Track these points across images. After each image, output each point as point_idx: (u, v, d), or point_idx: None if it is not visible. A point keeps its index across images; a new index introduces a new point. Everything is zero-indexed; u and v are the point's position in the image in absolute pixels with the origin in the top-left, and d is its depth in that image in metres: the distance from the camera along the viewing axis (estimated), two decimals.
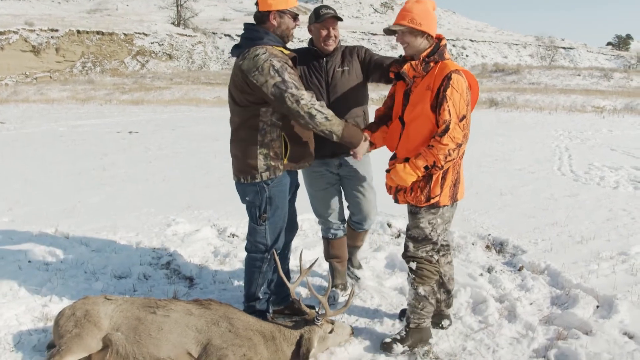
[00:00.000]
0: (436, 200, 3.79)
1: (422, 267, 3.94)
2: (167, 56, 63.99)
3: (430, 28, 3.73)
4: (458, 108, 3.58)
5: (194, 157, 12.33)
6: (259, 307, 4.25)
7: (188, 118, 21.33)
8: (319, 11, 4.34)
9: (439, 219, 3.87)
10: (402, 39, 3.76)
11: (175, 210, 7.57)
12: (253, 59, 3.68)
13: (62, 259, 5.61)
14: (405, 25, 3.69)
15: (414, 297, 3.98)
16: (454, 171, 3.81)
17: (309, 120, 3.65)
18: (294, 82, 3.64)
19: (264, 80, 3.63)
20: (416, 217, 3.89)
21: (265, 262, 4.13)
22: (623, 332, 4.18)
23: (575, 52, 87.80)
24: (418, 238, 3.92)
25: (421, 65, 3.74)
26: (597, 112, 24.15)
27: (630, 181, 9.56)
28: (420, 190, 3.80)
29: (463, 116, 3.60)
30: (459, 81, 3.61)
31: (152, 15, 75.42)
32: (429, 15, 3.73)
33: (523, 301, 4.74)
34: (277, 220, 4.06)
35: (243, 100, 3.83)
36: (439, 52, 3.75)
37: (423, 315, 4.01)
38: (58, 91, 38.36)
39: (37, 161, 11.71)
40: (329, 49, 4.42)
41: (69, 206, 7.75)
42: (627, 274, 5.31)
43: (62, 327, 3.59)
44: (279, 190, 3.99)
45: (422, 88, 3.74)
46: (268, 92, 3.64)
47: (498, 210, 7.67)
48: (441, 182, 3.77)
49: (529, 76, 51.02)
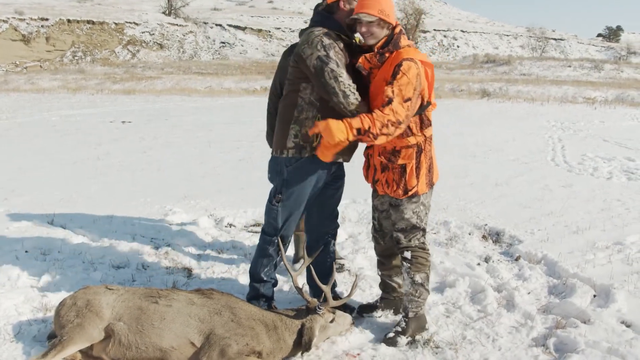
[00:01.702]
0: (414, 191, 3.85)
1: (417, 255, 3.99)
2: (158, 46, 63.70)
3: (393, 19, 3.75)
4: (404, 90, 3.57)
5: (188, 146, 12.29)
6: (262, 291, 4.26)
7: (181, 108, 21.23)
8: None
9: (421, 206, 3.95)
10: (369, 29, 3.73)
11: (172, 200, 7.57)
12: (308, 34, 3.80)
13: (60, 248, 5.59)
14: (375, 15, 3.67)
15: (411, 285, 4.01)
16: (426, 158, 3.86)
17: (342, 99, 3.66)
18: (337, 60, 3.68)
19: (310, 52, 3.71)
20: (399, 209, 3.95)
21: (273, 245, 4.12)
22: (621, 320, 4.23)
23: (566, 43, 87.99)
24: (406, 229, 3.98)
25: (376, 57, 3.74)
26: (588, 104, 24.24)
27: (623, 172, 9.63)
28: (396, 184, 3.87)
29: (408, 98, 3.58)
30: (409, 67, 3.60)
31: (143, 4, 74.95)
32: (392, 6, 3.75)
33: (521, 290, 4.77)
34: (292, 205, 4.01)
35: (289, 75, 3.94)
36: (394, 41, 3.73)
37: (420, 303, 4.05)
38: (49, 80, 38.05)
39: (31, 150, 11.64)
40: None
41: (65, 196, 7.73)
42: (623, 264, 5.37)
43: (63, 317, 3.57)
44: (298, 175, 3.94)
45: (379, 80, 3.74)
46: (310, 64, 3.70)
47: (494, 200, 7.70)
48: (416, 172, 3.83)
49: (520, 67, 51.13)
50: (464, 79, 36.83)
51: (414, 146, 3.83)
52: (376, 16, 3.66)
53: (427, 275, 4.05)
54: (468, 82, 33.29)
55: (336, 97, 3.67)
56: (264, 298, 4.29)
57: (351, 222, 6.71)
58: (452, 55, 73.99)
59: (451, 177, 8.85)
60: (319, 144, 3.75)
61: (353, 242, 5.97)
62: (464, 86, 30.72)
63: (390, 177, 3.90)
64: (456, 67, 51.05)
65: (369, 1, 3.69)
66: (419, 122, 3.82)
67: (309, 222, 4.36)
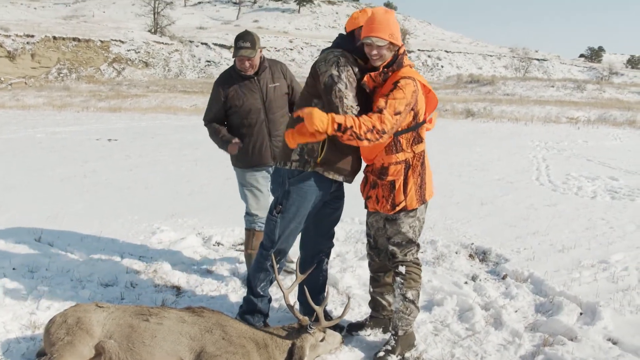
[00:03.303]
0: (403, 206, 3.90)
1: (411, 271, 4.02)
2: (144, 64, 63.71)
3: (400, 41, 3.84)
4: (396, 104, 3.64)
5: (175, 165, 12.29)
6: (259, 306, 4.28)
7: (167, 126, 21.23)
8: (236, 44, 4.98)
9: (417, 221, 4.01)
10: (379, 52, 3.79)
11: (160, 218, 7.56)
12: (327, 53, 3.91)
13: (48, 266, 5.57)
14: (386, 39, 3.75)
15: (402, 301, 4.03)
16: (414, 177, 3.91)
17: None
18: (347, 82, 3.77)
19: (325, 69, 3.81)
20: (396, 223, 3.99)
21: (269, 259, 4.13)
22: (607, 338, 4.28)
23: (549, 63, 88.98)
24: (402, 243, 4.01)
25: (380, 76, 3.81)
26: (571, 123, 24.49)
27: (607, 191, 9.75)
28: (385, 200, 3.93)
29: (399, 112, 3.64)
30: (407, 83, 3.69)
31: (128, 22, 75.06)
32: (398, 28, 3.83)
33: (508, 308, 4.82)
34: (290, 217, 4.02)
35: (303, 90, 4.07)
36: (397, 61, 3.81)
37: (410, 321, 4.07)
38: (34, 97, 37.92)
39: (17, 167, 11.57)
40: (249, 74, 5.09)
41: (52, 213, 7.69)
42: (608, 282, 5.43)
43: (53, 334, 3.56)
44: (300, 188, 3.96)
45: (378, 97, 3.80)
46: (322, 80, 3.80)
47: (480, 219, 7.77)
48: (403, 188, 3.88)
49: (503, 87, 51.59)
50: (448, 99, 37.09)
51: (402, 162, 3.88)
52: (387, 40, 3.74)
53: (418, 292, 4.08)
54: (452, 102, 33.53)
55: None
56: (259, 314, 4.30)
57: (339, 240, 6.73)
58: (436, 75, 74.51)
59: (437, 196, 8.83)
60: (321, 155, 3.85)
61: (341, 261, 5.99)
62: (448, 106, 30.92)
63: (380, 193, 3.96)
64: (440, 87, 51.39)
65: (380, 25, 3.75)
66: (411, 138, 3.88)
67: (304, 239, 4.38)
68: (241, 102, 5.11)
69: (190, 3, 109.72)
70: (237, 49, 4.97)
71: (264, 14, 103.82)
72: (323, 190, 4.03)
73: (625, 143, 17.50)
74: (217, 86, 5.21)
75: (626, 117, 26.81)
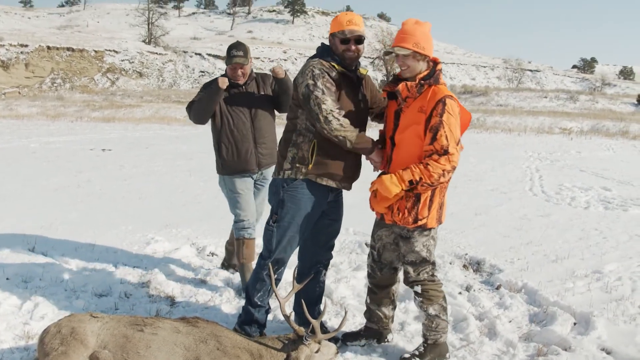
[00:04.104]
0: (424, 222, 3.84)
1: (427, 289, 4.00)
2: (138, 74, 63.79)
3: (430, 51, 3.81)
4: (455, 132, 3.66)
5: (169, 175, 12.28)
6: (256, 316, 4.30)
7: (161, 136, 21.23)
8: (229, 53, 5.20)
9: (431, 239, 3.96)
10: (404, 62, 3.80)
11: (154, 228, 7.54)
12: (304, 65, 4.02)
13: (41, 276, 5.55)
14: (410, 49, 3.73)
15: (426, 317, 4.04)
16: (440, 194, 3.87)
17: (324, 124, 3.80)
18: (323, 88, 3.83)
19: (302, 80, 3.91)
20: (410, 241, 3.95)
21: (266, 269, 4.14)
22: (601, 347, 4.29)
23: (542, 74, 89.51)
24: (416, 262, 3.98)
25: (416, 87, 3.78)
26: (564, 134, 24.64)
27: (600, 201, 9.80)
28: (407, 211, 3.85)
29: (459, 140, 3.68)
30: (452, 106, 3.68)
31: (123, 32, 75.21)
32: (429, 39, 3.80)
33: (502, 319, 4.83)
34: (286, 225, 4.06)
35: (291, 101, 4.14)
36: (435, 76, 3.79)
37: (439, 332, 4.06)
38: (27, 107, 37.89)
39: (11, 177, 11.55)
40: (240, 82, 5.29)
41: (46, 223, 7.67)
42: (602, 292, 5.45)
43: (47, 344, 3.54)
44: (293, 196, 4.02)
45: (414, 109, 3.79)
46: (300, 91, 3.89)
47: (474, 230, 7.79)
48: (429, 204, 3.82)
49: (496, 98, 51.85)
50: None
51: None
52: (410, 49, 3.73)
53: (442, 305, 4.05)
54: None
55: (318, 122, 3.81)
56: (257, 324, 4.31)
57: (333, 251, 6.72)
58: None
59: None
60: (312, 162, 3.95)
61: (335, 272, 5.99)
62: None
63: (403, 204, 3.87)
64: None
65: (404, 35, 3.77)
66: None
67: (302, 250, 4.40)
68: (231, 110, 5.31)
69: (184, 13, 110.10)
70: (231, 57, 5.16)
71: (258, 24, 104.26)
72: (317, 197, 4.05)
73: (618, 154, 17.63)
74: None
75: (619, 127, 27.00)
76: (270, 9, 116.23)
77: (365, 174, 4.30)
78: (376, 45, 73.29)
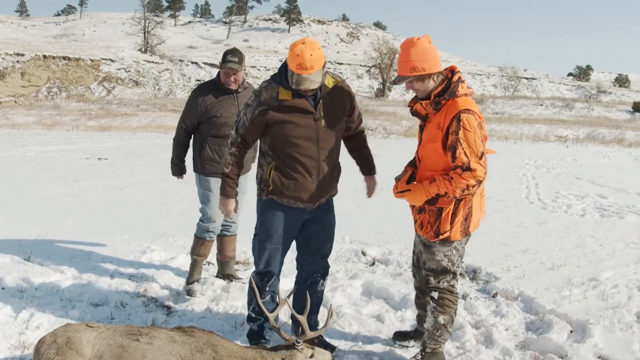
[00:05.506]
0: (446, 236, 3.83)
1: (444, 297, 4.00)
2: (134, 83, 63.85)
3: (433, 67, 3.69)
4: (474, 147, 3.59)
5: (165, 184, 12.24)
6: (253, 328, 4.40)
7: (157, 145, 21.20)
8: (225, 57, 5.28)
9: (454, 250, 3.94)
10: (412, 87, 3.79)
11: (150, 237, 7.54)
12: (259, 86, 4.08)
13: (37, 285, 5.54)
14: (409, 75, 3.69)
15: (433, 324, 4.03)
16: (465, 207, 3.82)
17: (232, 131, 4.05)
18: (241, 119, 4.00)
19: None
20: (431, 250, 3.95)
21: (253, 282, 4.18)
22: (597, 355, 4.30)
23: (538, 82, 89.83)
24: (437, 270, 3.98)
25: (432, 105, 3.75)
26: (560, 142, 24.70)
27: (596, 209, 9.82)
28: (430, 226, 3.86)
29: (482, 153, 3.62)
30: (469, 120, 3.60)
31: (119, 41, 75.32)
32: (427, 55, 3.69)
33: (499, 327, 4.83)
34: (264, 239, 4.13)
35: None
36: (450, 90, 3.71)
37: (439, 342, 4.07)
38: (23, 116, 37.87)
39: (7, 186, 11.54)
40: (232, 88, 5.39)
41: (42, 232, 7.66)
42: (598, 299, 5.46)
43: (43, 354, 3.53)
44: (264, 214, 4.13)
45: (433, 126, 3.77)
46: None
47: (470, 237, 7.76)
48: (451, 218, 3.80)
49: (492, 106, 52.00)
50: None
51: None
52: (409, 75, 3.69)
53: (452, 317, 4.05)
54: None
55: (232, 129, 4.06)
56: (256, 335, 4.38)
57: (329, 259, 6.72)
58: None
59: None
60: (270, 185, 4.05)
61: (331, 280, 5.98)
62: None
63: (426, 219, 3.88)
64: None
65: (400, 63, 3.74)
66: None
67: (298, 259, 4.44)
68: (219, 114, 5.40)
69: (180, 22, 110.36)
70: (225, 61, 5.24)
71: (254, 33, 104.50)
72: (287, 214, 4.10)
73: (613, 161, 17.68)
74: (197, 96, 5.48)
75: (614, 135, 27.08)
76: (267, 18, 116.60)
77: (357, 181, 4.30)
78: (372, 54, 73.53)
